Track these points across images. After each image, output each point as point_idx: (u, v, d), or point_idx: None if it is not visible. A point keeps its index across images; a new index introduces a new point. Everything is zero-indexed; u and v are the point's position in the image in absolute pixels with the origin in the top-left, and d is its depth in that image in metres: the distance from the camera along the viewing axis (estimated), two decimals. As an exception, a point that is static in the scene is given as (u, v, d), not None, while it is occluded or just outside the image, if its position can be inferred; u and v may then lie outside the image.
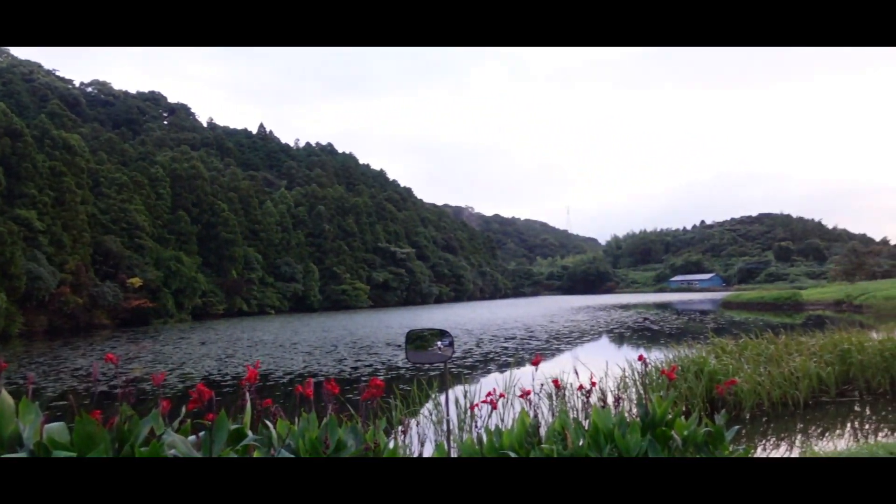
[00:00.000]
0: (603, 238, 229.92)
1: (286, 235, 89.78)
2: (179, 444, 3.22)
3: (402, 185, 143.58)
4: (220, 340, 33.90)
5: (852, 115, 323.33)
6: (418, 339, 4.37)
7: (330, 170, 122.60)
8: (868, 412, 11.72)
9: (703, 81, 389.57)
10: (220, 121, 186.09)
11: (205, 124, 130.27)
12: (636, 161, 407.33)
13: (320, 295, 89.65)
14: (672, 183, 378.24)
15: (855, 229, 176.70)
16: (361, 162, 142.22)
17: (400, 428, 6.16)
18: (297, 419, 4.08)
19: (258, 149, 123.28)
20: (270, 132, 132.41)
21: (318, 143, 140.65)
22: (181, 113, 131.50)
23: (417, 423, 8.74)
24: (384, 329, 39.18)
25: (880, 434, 10.04)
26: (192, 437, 3.46)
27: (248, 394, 3.93)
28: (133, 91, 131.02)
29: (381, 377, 17.55)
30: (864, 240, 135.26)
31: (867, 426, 10.82)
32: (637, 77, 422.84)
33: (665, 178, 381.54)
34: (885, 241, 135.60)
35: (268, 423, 3.93)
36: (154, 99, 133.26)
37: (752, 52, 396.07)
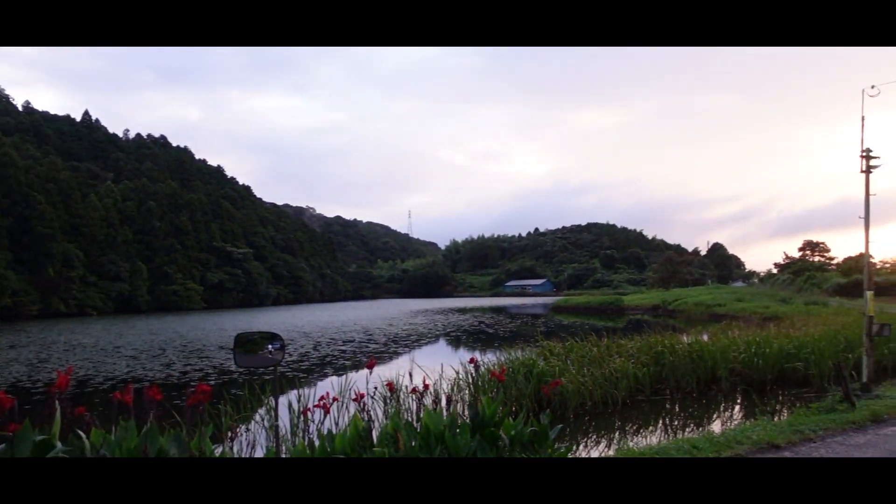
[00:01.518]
0: (443, 243, 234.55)
1: (112, 232, 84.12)
2: (-28, 458, 2.93)
3: (240, 182, 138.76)
4: (33, 344, 31.23)
5: (673, 134, 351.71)
6: (248, 343, 4.25)
7: (162, 164, 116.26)
8: (677, 409, 12.75)
9: (544, 92, 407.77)
10: (39, 105, 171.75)
11: (20, 108, 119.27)
12: (477, 168, 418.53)
13: (149, 296, 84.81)
14: (511, 191, 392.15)
15: (671, 240, 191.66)
16: (197, 157, 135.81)
17: (229, 434, 5.95)
18: (114, 428, 3.85)
19: (82, 138, 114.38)
20: (97, 120, 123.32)
21: (149, 135, 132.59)
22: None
23: (248, 429, 8.50)
24: (217, 332, 37.79)
25: (687, 429, 10.97)
26: (-11, 450, 3.16)
27: (57, 401, 3.65)
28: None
29: (212, 382, 16.93)
30: (679, 250, 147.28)
31: (676, 422, 11.78)
32: (481, 83, 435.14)
33: (504, 186, 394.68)
34: (696, 252, 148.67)
35: (80, 432, 3.66)
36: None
37: (591, 68, 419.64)
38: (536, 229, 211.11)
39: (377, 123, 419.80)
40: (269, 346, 4.28)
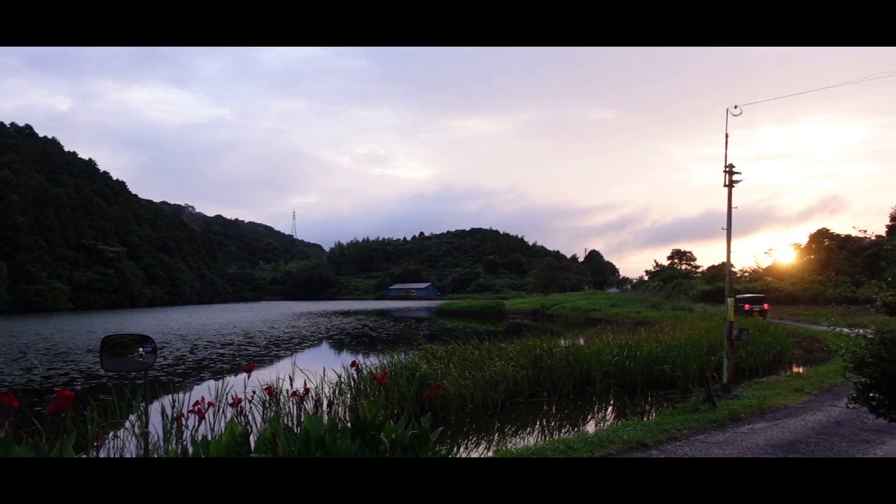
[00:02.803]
0: (328, 245, 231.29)
1: (-33, 226, 78.07)
2: None
3: (114, 177, 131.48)
4: None
5: (554, 144, 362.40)
6: (116, 346, 4.05)
7: (27, 155, 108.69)
8: (554, 411, 13.15)
9: (430, 97, 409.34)
10: None
11: None
12: (363, 171, 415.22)
13: (9, 296, 79.13)
14: (397, 195, 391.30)
15: (551, 246, 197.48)
16: (67, 149, 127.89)
17: (95, 442, 5.64)
18: (-37, 438, 3.57)
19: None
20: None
21: (13, 124, 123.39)
22: None
23: (116, 436, 8.11)
24: (85, 334, 35.76)
25: (563, 430, 11.33)
26: None
27: None
28: None
29: (78, 387, 16.01)
30: (558, 256, 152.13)
31: (553, 423, 12.15)
32: (368, 85, 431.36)
33: (390, 190, 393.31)
34: (574, 259, 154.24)
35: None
36: None
37: (474, 75, 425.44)
38: (421, 233, 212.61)
39: (260, 122, 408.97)
40: (140, 350, 4.09)
